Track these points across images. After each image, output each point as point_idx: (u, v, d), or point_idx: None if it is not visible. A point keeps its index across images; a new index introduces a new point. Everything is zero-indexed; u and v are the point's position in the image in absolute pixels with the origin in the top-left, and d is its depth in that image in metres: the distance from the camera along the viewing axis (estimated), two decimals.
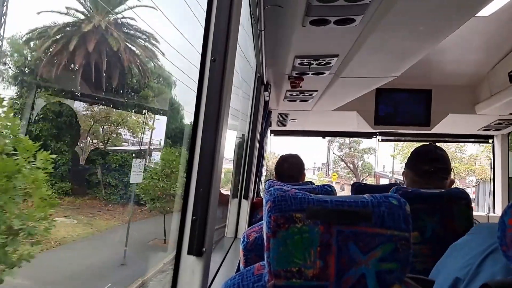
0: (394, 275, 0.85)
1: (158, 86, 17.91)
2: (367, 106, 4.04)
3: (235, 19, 1.16)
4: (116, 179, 15.51)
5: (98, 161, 15.80)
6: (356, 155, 28.57)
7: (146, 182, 13.59)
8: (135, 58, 17.22)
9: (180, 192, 12.45)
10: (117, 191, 15.37)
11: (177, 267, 1.13)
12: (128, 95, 17.06)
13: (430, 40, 2.16)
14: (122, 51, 16.68)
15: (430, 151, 1.88)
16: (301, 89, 3.28)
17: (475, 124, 4.37)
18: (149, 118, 17.83)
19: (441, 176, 1.82)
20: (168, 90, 18.19)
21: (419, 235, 1.59)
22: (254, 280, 0.91)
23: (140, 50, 17.56)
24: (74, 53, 15.92)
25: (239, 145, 3.55)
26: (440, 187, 1.80)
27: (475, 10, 1.78)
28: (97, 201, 15.14)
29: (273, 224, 0.85)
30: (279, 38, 2.27)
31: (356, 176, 27.79)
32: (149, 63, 17.93)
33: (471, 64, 3.51)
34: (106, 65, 16.37)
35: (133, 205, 14.51)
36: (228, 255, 2.64)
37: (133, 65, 17.18)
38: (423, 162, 1.85)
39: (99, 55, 16.29)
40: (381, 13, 1.81)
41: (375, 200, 0.87)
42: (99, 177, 15.48)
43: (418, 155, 1.92)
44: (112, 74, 16.60)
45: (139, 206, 14.53)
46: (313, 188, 1.40)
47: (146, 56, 17.66)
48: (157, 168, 14.36)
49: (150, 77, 17.55)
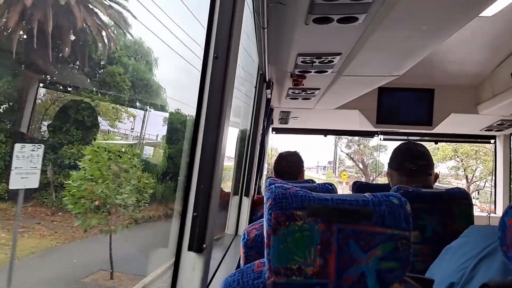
0: (394, 274, 0.85)
1: (134, 63, 13.79)
2: (369, 104, 4.04)
3: (238, 16, 1.16)
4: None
5: (48, 155, 10.98)
6: (366, 152, 26.78)
7: (77, 184, 8.28)
8: (96, 19, 12.59)
9: (144, 200, 9.53)
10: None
11: (177, 264, 1.13)
12: (86, 69, 12.59)
13: (433, 40, 2.15)
14: (75, 6, 11.60)
15: (411, 149, 1.88)
16: (303, 87, 3.27)
17: (477, 124, 4.36)
18: (117, 101, 13.18)
19: (425, 173, 1.84)
20: (146, 70, 14.22)
21: (419, 235, 1.59)
22: (254, 277, 0.91)
23: (104, 11, 12.77)
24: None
25: (241, 142, 3.55)
26: (425, 184, 1.81)
27: (479, 10, 1.77)
28: (43, 208, 10.68)
29: (273, 222, 0.85)
30: (282, 36, 2.27)
31: (365, 176, 26.34)
32: (120, 31, 13.58)
33: (474, 64, 3.50)
34: (52, 25, 11.09)
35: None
36: (228, 252, 2.65)
37: (94, 31, 12.56)
38: (406, 161, 1.86)
39: (43, 13, 11.10)
40: (384, 11, 1.80)
41: (376, 199, 0.87)
42: (48, 177, 10.81)
43: (399, 154, 1.93)
44: (63, 38, 12.03)
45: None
46: (314, 186, 1.40)
47: (113, 20, 13.09)
48: (93, 165, 8.68)
49: (121, 50, 13.42)
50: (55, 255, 8.60)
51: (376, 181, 23.37)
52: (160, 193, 11.65)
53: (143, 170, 9.70)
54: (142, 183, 9.53)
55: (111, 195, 8.53)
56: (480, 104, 3.78)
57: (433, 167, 1.87)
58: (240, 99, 3.58)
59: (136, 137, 14.16)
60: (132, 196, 8.97)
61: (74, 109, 11.90)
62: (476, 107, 3.84)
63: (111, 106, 13.25)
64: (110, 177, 8.56)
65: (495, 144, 5.01)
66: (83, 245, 9.11)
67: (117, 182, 8.76)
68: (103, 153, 8.73)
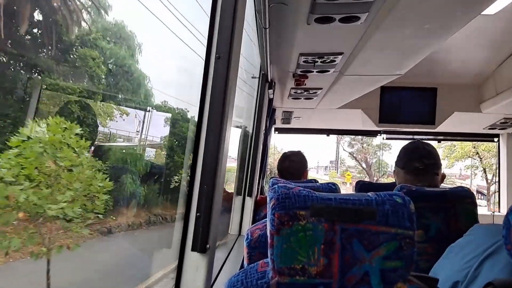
0: (398, 273, 0.84)
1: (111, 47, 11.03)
2: (371, 104, 4.03)
3: (240, 16, 1.17)
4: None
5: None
6: (370, 151, 25.83)
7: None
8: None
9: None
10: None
11: (181, 264, 1.13)
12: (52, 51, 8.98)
13: (436, 38, 2.15)
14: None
15: (419, 148, 1.87)
16: (305, 87, 3.27)
17: (480, 122, 4.35)
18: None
19: (433, 172, 1.82)
20: (127, 55, 11.33)
21: (423, 234, 1.59)
22: (257, 277, 0.91)
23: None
24: None
25: (243, 143, 3.55)
26: (432, 183, 1.80)
27: (481, 8, 1.77)
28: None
29: (276, 222, 0.85)
30: (284, 35, 2.27)
31: (369, 176, 25.05)
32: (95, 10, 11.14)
33: (476, 63, 3.49)
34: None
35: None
36: (231, 252, 2.65)
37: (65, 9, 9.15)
38: (413, 160, 1.84)
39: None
40: (386, 11, 1.80)
41: (380, 198, 0.87)
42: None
43: (407, 153, 1.91)
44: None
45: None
46: (317, 186, 1.40)
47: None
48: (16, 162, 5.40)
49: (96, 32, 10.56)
50: None
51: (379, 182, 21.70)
52: (140, 196, 9.68)
53: (99, 170, 7.31)
54: (95, 186, 6.61)
55: (42, 204, 5.65)
56: (483, 103, 3.77)
57: (440, 167, 1.86)
58: (242, 99, 3.58)
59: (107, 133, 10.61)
60: (76, 205, 6.25)
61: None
62: (479, 105, 3.83)
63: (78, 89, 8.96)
64: (43, 178, 5.71)
65: (499, 143, 5.00)
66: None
67: (55, 185, 5.94)
68: (36, 145, 5.73)
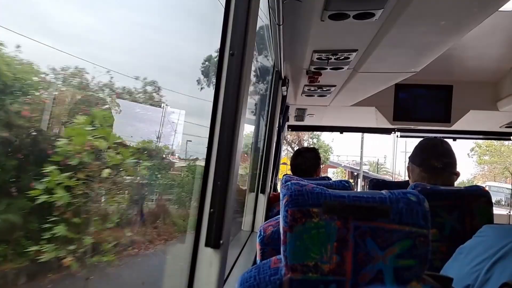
0: (411, 271, 0.84)
1: None
2: (386, 101, 4.00)
3: (253, 13, 1.17)
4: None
5: None
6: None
7: None
8: None
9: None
10: None
11: (194, 259, 1.14)
12: None
13: (452, 35, 2.12)
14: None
15: (437, 146, 1.82)
16: (319, 84, 3.26)
17: (497, 121, 4.28)
18: None
19: (450, 172, 1.78)
20: None
21: (437, 232, 1.57)
22: (270, 273, 0.91)
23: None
24: None
25: (256, 140, 3.56)
26: (447, 183, 1.76)
27: (499, 4, 1.74)
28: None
29: (289, 218, 0.85)
30: (298, 32, 2.27)
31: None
32: None
33: (493, 60, 3.43)
34: None
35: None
36: (244, 248, 2.66)
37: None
38: (431, 157, 1.79)
39: None
40: (401, 7, 1.78)
41: (393, 196, 0.86)
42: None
43: (425, 150, 1.86)
44: None
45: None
46: (330, 183, 1.40)
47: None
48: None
49: None
50: None
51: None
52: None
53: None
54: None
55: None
56: (500, 101, 3.71)
57: (456, 165, 1.83)
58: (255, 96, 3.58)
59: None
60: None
61: None
62: (496, 103, 3.77)
63: None
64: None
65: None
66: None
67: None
68: None
